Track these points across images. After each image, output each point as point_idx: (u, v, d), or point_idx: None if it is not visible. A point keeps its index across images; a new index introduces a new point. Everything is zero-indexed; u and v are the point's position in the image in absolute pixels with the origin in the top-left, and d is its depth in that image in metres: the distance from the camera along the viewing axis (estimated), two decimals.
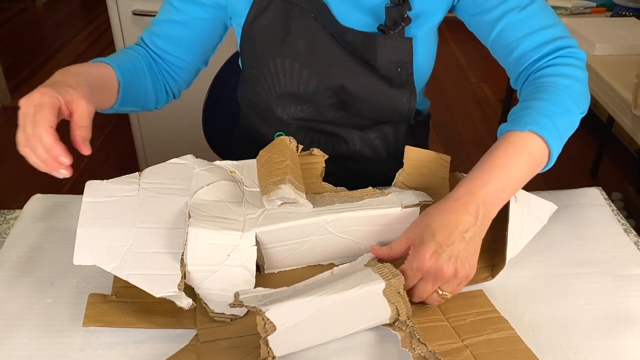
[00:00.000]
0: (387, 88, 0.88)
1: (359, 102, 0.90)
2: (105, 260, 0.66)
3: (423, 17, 0.88)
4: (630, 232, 0.82)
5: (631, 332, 0.67)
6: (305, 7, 0.86)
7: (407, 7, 0.85)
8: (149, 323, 0.67)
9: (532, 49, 0.82)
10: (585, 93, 0.80)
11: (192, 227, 0.67)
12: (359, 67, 0.87)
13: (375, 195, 0.76)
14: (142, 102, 0.93)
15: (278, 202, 0.73)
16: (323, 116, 0.93)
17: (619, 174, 2.42)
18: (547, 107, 0.74)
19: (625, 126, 1.39)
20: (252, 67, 0.92)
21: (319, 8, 0.86)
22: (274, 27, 0.88)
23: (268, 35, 0.88)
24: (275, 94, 0.91)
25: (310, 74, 0.88)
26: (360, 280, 0.63)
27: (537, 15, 0.83)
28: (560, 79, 0.78)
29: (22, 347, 0.65)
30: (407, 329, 0.64)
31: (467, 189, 0.69)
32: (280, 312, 0.59)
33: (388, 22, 0.85)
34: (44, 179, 0.85)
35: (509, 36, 0.84)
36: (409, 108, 0.91)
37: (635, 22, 1.75)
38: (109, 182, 0.73)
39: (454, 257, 0.65)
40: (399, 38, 0.86)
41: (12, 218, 0.86)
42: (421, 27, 0.89)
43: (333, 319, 0.63)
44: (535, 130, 0.72)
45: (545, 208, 0.80)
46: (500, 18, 0.83)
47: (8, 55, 3.45)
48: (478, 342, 0.63)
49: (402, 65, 0.88)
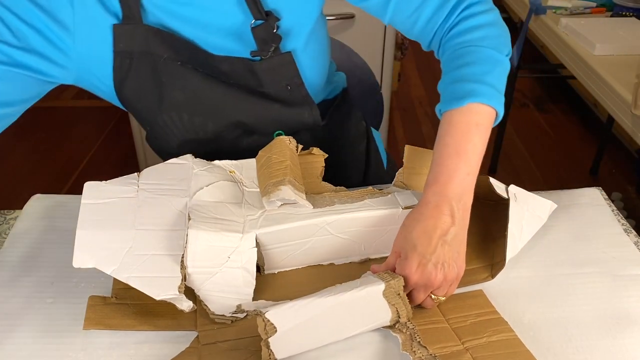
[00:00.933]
0: (284, 109, 0.83)
1: (263, 129, 0.86)
2: (104, 262, 0.66)
3: (295, 28, 0.81)
4: (630, 232, 0.82)
5: (631, 332, 0.67)
6: (169, 56, 0.78)
7: (273, 20, 0.77)
8: (150, 325, 0.67)
9: (434, 14, 0.78)
10: (503, 33, 0.77)
11: (192, 229, 0.67)
12: (249, 97, 0.82)
13: (375, 196, 0.76)
14: None
15: (278, 203, 0.73)
16: (236, 146, 0.87)
17: (619, 174, 2.42)
18: (474, 70, 0.72)
19: (625, 126, 1.39)
20: (144, 124, 0.87)
21: (185, 49, 0.78)
22: (145, 86, 0.80)
23: (143, 96, 0.80)
24: (178, 143, 0.85)
25: (203, 120, 0.82)
26: (360, 283, 0.63)
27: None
28: (473, 33, 0.75)
29: (22, 347, 0.65)
30: (408, 331, 0.64)
31: (435, 189, 0.68)
32: (280, 313, 0.59)
33: (258, 44, 0.78)
34: (44, 179, 0.84)
35: (405, 9, 0.79)
36: (313, 121, 0.86)
37: (635, 22, 1.75)
38: (108, 183, 0.73)
39: (439, 263, 0.64)
40: (277, 57, 0.79)
41: (12, 218, 0.86)
42: (298, 37, 0.81)
43: (334, 321, 0.62)
44: (474, 101, 0.69)
45: (544, 207, 0.80)
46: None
47: None
48: (478, 344, 0.63)
49: (290, 83, 0.82)
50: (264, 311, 0.59)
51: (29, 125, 2.73)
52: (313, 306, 0.60)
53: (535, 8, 1.90)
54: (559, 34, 1.75)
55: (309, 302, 0.60)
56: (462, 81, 0.72)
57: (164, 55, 0.78)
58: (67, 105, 2.91)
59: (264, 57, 0.79)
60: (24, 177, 2.37)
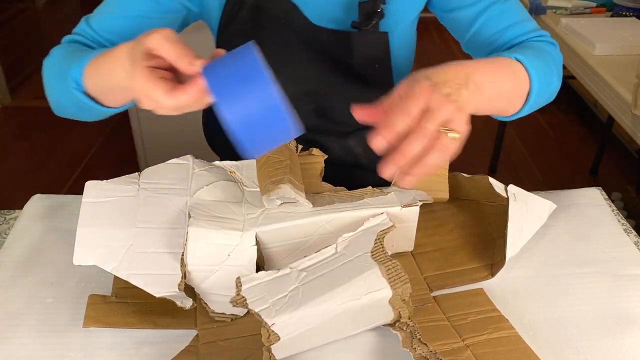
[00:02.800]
0: (363, 89, 0.86)
1: (335, 107, 0.88)
2: (105, 260, 0.66)
3: (398, 13, 0.86)
4: (630, 232, 0.82)
5: (631, 332, 0.67)
6: (275, 13, 0.83)
7: (380, 1, 0.82)
8: (149, 324, 0.67)
9: (514, 37, 0.82)
10: (561, 72, 0.81)
11: (192, 227, 0.67)
12: (333, 69, 0.85)
13: (375, 195, 0.76)
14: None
15: (278, 201, 0.73)
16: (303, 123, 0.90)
17: (619, 174, 2.42)
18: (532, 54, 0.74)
19: (625, 126, 1.39)
20: None
21: (289, 12, 0.84)
22: (244, 34, 0.85)
23: (240, 42, 0.83)
24: None
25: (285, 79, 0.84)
26: (368, 288, 0.62)
27: (516, 9, 0.83)
28: (544, 45, 0.80)
29: (22, 347, 0.65)
30: (408, 329, 0.64)
31: (457, 63, 0.64)
32: (285, 323, 0.59)
33: (361, 17, 0.83)
34: (44, 179, 0.84)
35: (490, 28, 0.83)
36: None
37: (635, 22, 1.75)
38: (109, 183, 0.73)
39: (445, 85, 0.58)
40: (374, 33, 0.83)
41: (12, 218, 0.86)
42: (398, 23, 0.87)
43: (337, 325, 0.62)
44: (521, 60, 0.71)
45: (544, 207, 0.80)
46: (482, 12, 0.82)
47: (8, 55, 3.46)
48: (479, 341, 0.63)
49: (379, 62, 0.86)
50: (269, 322, 0.58)
51: (29, 125, 2.74)
52: (318, 316, 0.60)
53: (535, 8, 1.90)
54: (559, 34, 1.75)
55: (314, 311, 0.59)
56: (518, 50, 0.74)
57: (270, 12, 0.83)
58: None
59: (363, 28, 0.82)
60: (24, 177, 2.37)
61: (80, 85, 0.69)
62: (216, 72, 0.54)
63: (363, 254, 0.65)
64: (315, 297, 0.60)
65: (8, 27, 3.96)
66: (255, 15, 0.84)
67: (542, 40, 0.82)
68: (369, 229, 0.69)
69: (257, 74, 0.52)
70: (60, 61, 0.76)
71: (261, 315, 0.59)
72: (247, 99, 0.52)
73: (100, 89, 0.69)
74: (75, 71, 0.69)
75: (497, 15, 0.82)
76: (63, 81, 0.72)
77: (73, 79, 0.69)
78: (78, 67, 0.69)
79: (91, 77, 0.68)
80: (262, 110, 0.53)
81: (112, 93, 0.68)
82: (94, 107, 0.71)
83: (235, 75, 0.53)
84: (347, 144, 0.94)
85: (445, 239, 0.80)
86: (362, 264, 0.64)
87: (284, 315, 0.59)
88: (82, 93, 0.70)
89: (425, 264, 0.76)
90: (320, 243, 0.73)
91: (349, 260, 0.65)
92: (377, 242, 0.67)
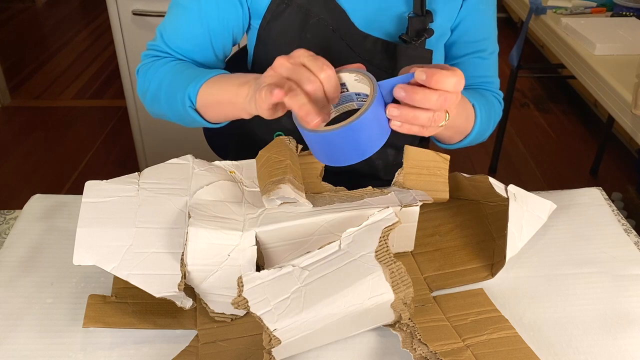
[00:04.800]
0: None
1: None
2: (105, 260, 0.66)
3: (438, 31, 0.88)
4: (630, 232, 0.82)
5: (631, 332, 0.67)
6: (323, 18, 0.84)
7: (429, 19, 0.85)
8: (149, 324, 0.67)
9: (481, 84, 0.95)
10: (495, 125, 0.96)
11: (192, 227, 0.67)
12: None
13: (375, 195, 0.76)
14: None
15: (278, 201, 0.73)
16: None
17: (619, 174, 2.42)
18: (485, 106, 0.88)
19: (625, 126, 1.39)
20: (263, 69, 0.91)
21: (337, 17, 0.85)
22: (289, 33, 0.86)
23: (282, 40, 0.86)
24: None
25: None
26: (371, 293, 0.61)
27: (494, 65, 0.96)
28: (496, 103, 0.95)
29: (22, 347, 0.65)
30: (408, 329, 0.64)
31: None
32: (287, 328, 0.58)
33: (410, 32, 0.84)
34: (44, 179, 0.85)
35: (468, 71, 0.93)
36: None
37: (635, 22, 1.75)
38: (109, 182, 0.73)
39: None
40: (421, 49, 0.85)
41: (12, 218, 0.86)
42: (438, 41, 0.89)
43: (338, 328, 0.62)
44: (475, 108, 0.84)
45: (544, 207, 0.80)
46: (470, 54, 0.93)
47: (8, 55, 3.46)
48: (479, 342, 0.63)
49: None
50: (271, 328, 0.58)
51: (29, 125, 2.74)
52: (320, 320, 0.60)
53: (535, 8, 1.90)
54: (559, 34, 1.75)
55: (315, 316, 0.59)
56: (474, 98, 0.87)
57: (319, 16, 0.84)
58: (66, 105, 2.92)
59: (412, 43, 0.85)
60: (24, 177, 2.37)
61: (193, 103, 0.79)
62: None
63: (367, 254, 0.64)
64: (318, 301, 0.60)
65: (8, 27, 3.96)
66: (302, 16, 0.84)
67: (496, 97, 0.97)
68: (374, 224, 0.68)
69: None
70: (171, 78, 0.84)
71: (263, 320, 0.58)
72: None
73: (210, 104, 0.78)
74: (192, 89, 0.78)
75: (478, 61, 0.94)
76: (173, 97, 0.81)
77: (188, 97, 0.78)
78: (195, 85, 0.78)
79: (205, 94, 0.77)
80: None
81: (221, 108, 0.77)
82: (200, 122, 0.82)
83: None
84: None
85: (445, 239, 0.80)
86: (365, 265, 0.63)
87: (285, 320, 0.58)
88: (193, 110, 0.79)
89: (425, 264, 0.76)
90: (320, 243, 0.73)
91: (352, 260, 0.63)
92: (381, 240, 0.66)
